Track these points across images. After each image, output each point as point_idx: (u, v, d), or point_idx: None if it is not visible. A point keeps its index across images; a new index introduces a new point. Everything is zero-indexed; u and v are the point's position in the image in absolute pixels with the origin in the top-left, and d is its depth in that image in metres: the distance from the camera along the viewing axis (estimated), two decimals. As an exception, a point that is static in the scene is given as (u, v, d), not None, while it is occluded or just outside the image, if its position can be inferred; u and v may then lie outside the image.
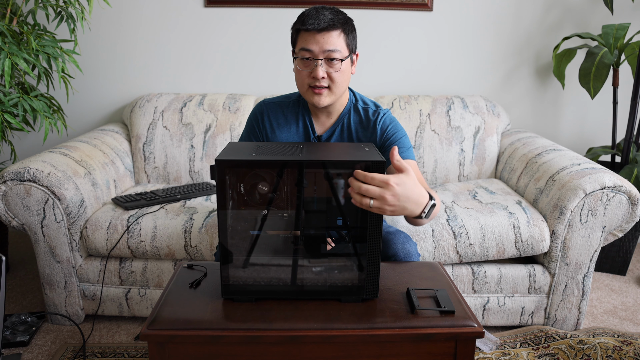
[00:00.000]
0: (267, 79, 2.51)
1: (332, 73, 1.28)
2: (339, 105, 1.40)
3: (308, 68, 1.29)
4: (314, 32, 1.25)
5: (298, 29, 1.29)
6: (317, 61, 1.26)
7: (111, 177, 2.02)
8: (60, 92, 2.40)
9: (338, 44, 1.27)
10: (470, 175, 2.25)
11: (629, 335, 1.76)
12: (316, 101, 1.31)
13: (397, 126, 1.42)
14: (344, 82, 1.32)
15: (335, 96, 1.33)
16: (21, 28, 1.96)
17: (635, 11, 2.43)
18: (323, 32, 1.25)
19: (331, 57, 1.26)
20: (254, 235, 1.05)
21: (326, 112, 1.40)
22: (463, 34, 2.47)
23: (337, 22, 1.26)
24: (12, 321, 1.78)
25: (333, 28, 1.25)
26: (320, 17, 1.24)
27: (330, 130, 1.42)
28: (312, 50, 1.26)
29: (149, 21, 2.44)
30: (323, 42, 1.25)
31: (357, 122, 1.41)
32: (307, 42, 1.26)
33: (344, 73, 1.30)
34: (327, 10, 1.27)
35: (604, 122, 2.57)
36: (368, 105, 1.44)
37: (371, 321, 0.98)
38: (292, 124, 1.42)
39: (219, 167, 0.96)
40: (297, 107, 1.43)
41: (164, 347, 0.96)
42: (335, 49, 1.26)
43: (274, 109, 1.44)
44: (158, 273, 1.80)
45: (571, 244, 1.72)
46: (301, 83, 1.32)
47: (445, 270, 1.21)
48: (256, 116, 1.45)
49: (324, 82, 1.29)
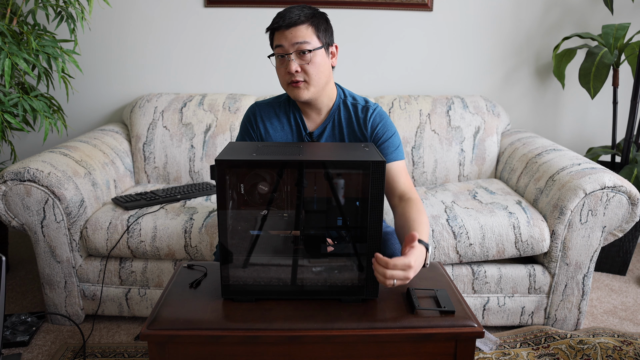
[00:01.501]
0: (267, 79, 2.51)
1: (305, 65, 1.31)
2: (327, 101, 1.42)
3: (284, 64, 1.33)
4: (283, 29, 1.30)
5: (271, 30, 1.35)
6: (288, 56, 1.31)
7: (111, 177, 2.02)
8: (60, 92, 2.40)
9: (306, 36, 1.30)
10: (470, 175, 2.25)
11: (629, 335, 1.76)
12: (296, 95, 1.34)
13: (387, 124, 1.44)
14: (320, 74, 1.34)
15: (315, 88, 1.34)
16: (21, 28, 1.96)
17: (635, 11, 2.43)
18: (290, 27, 1.30)
19: (301, 49, 1.30)
20: (254, 235, 1.05)
21: (315, 108, 1.42)
22: (463, 34, 2.47)
23: (303, 16, 1.31)
24: (12, 321, 1.78)
25: (299, 22, 1.30)
26: (286, 15, 1.30)
27: (322, 126, 1.43)
28: (283, 46, 1.31)
29: (148, 21, 2.44)
30: (291, 37, 1.29)
31: (347, 117, 1.43)
32: (278, 39, 1.32)
33: (318, 65, 1.33)
34: (296, 8, 1.32)
35: (604, 122, 2.57)
36: (357, 101, 1.46)
37: (371, 321, 0.98)
38: (285, 123, 1.45)
39: (219, 167, 0.96)
40: (288, 106, 1.46)
41: (164, 347, 0.96)
42: (303, 41, 1.29)
43: (266, 110, 1.46)
44: (158, 273, 1.80)
45: (571, 244, 1.72)
46: (282, 80, 1.36)
47: (445, 270, 1.21)
48: (249, 118, 1.47)
49: (299, 76, 1.32)
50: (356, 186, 1.00)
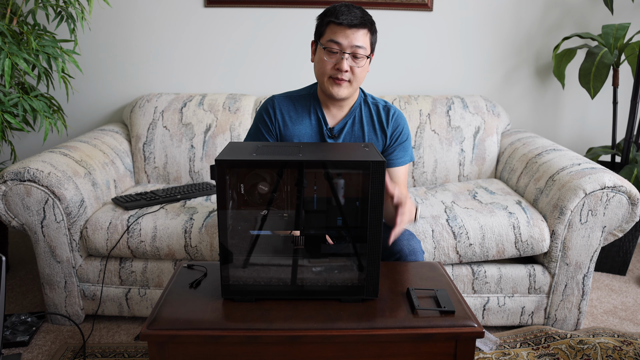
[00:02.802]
0: (267, 79, 2.51)
1: (355, 68, 1.35)
2: (351, 99, 1.47)
3: (333, 59, 1.35)
4: (345, 27, 1.32)
5: (329, 21, 1.35)
6: (344, 54, 1.33)
7: (111, 177, 2.02)
8: (60, 92, 2.40)
9: (364, 42, 1.34)
10: (470, 175, 2.25)
11: (629, 335, 1.76)
12: (335, 92, 1.38)
13: (407, 128, 1.51)
14: (362, 78, 1.40)
15: (353, 89, 1.40)
16: (21, 28, 1.96)
17: (635, 11, 2.43)
18: (353, 28, 1.32)
19: (357, 53, 1.33)
20: (254, 235, 1.05)
21: (338, 105, 1.46)
22: (463, 34, 2.47)
23: (367, 21, 1.34)
24: (12, 321, 1.78)
25: (363, 26, 1.33)
26: (352, 14, 1.32)
27: (343, 122, 1.48)
28: (341, 44, 1.33)
29: (149, 21, 2.44)
30: (352, 38, 1.32)
31: (368, 115, 1.49)
32: (336, 34, 1.33)
33: (364, 69, 1.38)
34: (357, 9, 1.34)
35: (604, 122, 2.56)
36: (377, 101, 1.52)
37: (371, 321, 0.98)
38: (305, 117, 1.47)
39: (219, 167, 0.96)
40: (309, 101, 1.49)
41: (164, 347, 0.96)
42: (361, 46, 1.33)
43: (285, 103, 1.49)
44: (158, 273, 1.80)
45: (571, 244, 1.72)
46: (322, 72, 1.38)
47: (445, 270, 1.21)
48: (268, 110, 1.48)
49: (346, 75, 1.35)
50: (356, 186, 1.00)
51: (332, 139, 1.47)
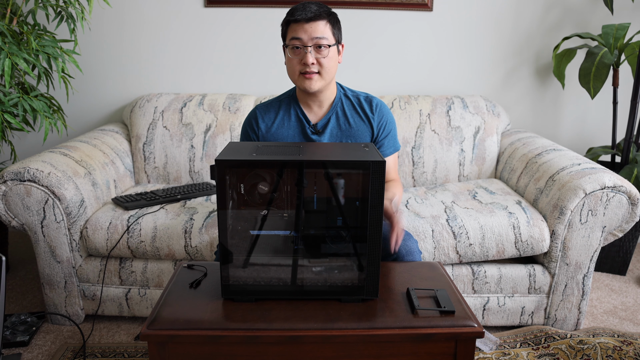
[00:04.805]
0: (267, 79, 2.51)
1: (321, 59, 1.39)
2: (330, 94, 1.50)
3: (298, 56, 1.40)
4: (302, 22, 1.36)
5: (287, 21, 1.41)
6: (306, 48, 1.37)
7: (111, 177, 2.02)
8: (60, 92, 2.40)
9: (325, 32, 1.38)
10: (470, 175, 2.25)
11: (629, 335, 1.76)
12: (307, 85, 1.41)
13: (391, 118, 1.55)
14: (332, 67, 1.42)
15: (325, 81, 1.43)
16: (21, 28, 1.96)
17: (635, 11, 2.43)
18: (310, 21, 1.36)
19: (319, 43, 1.38)
20: (254, 235, 1.05)
21: (317, 101, 1.50)
22: (463, 34, 2.47)
23: (323, 12, 1.38)
24: (12, 321, 1.78)
25: (319, 18, 1.37)
26: (307, 9, 1.37)
27: (326, 118, 1.51)
28: (302, 39, 1.37)
29: (149, 21, 2.44)
30: (311, 31, 1.36)
31: (351, 108, 1.52)
32: (296, 32, 1.38)
33: (331, 59, 1.41)
34: (313, 4, 1.39)
35: (604, 122, 2.56)
36: (357, 93, 1.56)
37: (371, 321, 0.98)
38: (286, 119, 1.52)
39: (219, 167, 0.96)
40: (288, 103, 1.53)
41: (164, 347, 0.96)
42: (322, 37, 1.38)
43: (265, 110, 1.54)
44: (158, 273, 1.80)
45: (571, 244, 1.72)
46: (292, 71, 1.43)
47: (445, 270, 1.21)
48: (250, 122, 1.54)
49: (314, 67, 1.39)
50: (356, 186, 1.00)
51: (316, 134, 1.50)
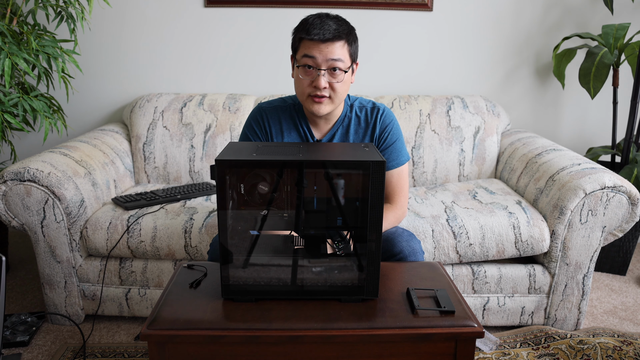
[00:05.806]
0: (267, 79, 2.51)
1: (334, 83, 1.28)
2: (337, 111, 1.41)
3: (310, 77, 1.28)
4: (318, 42, 1.24)
5: (301, 38, 1.28)
6: (319, 71, 1.26)
7: (111, 177, 2.02)
8: (60, 92, 2.40)
9: (342, 54, 1.26)
10: (470, 175, 2.25)
11: (629, 335, 1.76)
12: (316, 110, 1.31)
13: (395, 128, 1.43)
14: (344, 92, 1.32)
15: (335, 105, 1.33)
16: (21, 28, 1.96)
17: (635, 11, 2.43)
18: (327, 42, 1.23)
19: (334, 66, 1.25)
20: (254, 235, 1.05)
21: (324, 118, 1.41)
22: (463, 34, 2.47)
23: (342, 32, 1.25)
24: (12, 321, 1.78)
25: (337, 39, 1.24)
26: (325, 27, 1.23)
27: (331, 133, 1.43)
28: (316, 58, 1.25)
29: (149, 21, 2.44)
30: (327, 52, 1.24)
31: (357, 123, 1.43)
32: (310, 50, 1.25)
33: (345, 83, 1.30)
34: (332, 20, 1.25)
35: (604, 122, 2.56)
36: (364, 105, 1.45)
37: (371, 321, 0.98)
38: (292, 130, 1.43)
39: (219, 167, 0.96)
40: (294, 113, 1.43)
41: (164, 347, 0.96)
42: (338, 59, 1.25)
43: (273, 115, 1.43)
44: (158, 273, 1.80)
45: (571, 244, 1.72)
46: (301, 91, 1.32)
47: (445, 270, 1.21)
48: (258, 120, 1.44)
49: (325, 91, 1.28)
50: (356, 186, 1.00)
51: None
